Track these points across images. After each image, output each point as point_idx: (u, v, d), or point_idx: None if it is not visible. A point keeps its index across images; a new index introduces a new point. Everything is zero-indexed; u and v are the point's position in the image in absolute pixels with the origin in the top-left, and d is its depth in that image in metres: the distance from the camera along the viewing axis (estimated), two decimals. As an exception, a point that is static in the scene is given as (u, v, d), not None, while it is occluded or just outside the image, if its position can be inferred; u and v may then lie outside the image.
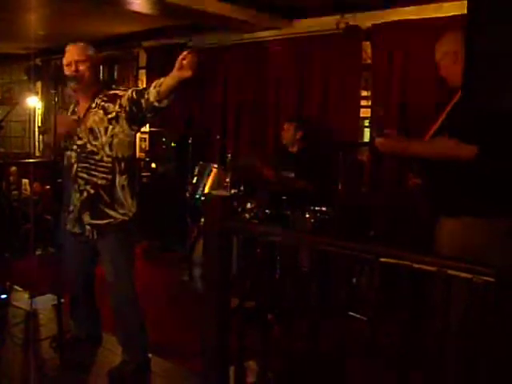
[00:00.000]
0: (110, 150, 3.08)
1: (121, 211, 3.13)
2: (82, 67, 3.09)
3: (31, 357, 3.44)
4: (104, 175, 3.09)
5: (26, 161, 6.91)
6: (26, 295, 4.28)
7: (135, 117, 3.04)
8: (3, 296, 4.32)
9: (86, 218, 3.15)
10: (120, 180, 3.12)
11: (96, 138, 3.08)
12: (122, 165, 3.12)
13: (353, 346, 2.34)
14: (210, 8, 5.12)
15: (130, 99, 3.01)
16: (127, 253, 3.22)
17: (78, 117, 3.19)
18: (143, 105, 2.95)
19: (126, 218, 3.15)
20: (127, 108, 3.02)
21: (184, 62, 2.71)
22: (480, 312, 1.92)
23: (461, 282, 1.89)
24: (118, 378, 3.20)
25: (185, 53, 2.72)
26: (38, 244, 5.51)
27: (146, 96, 2.92)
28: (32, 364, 3.34)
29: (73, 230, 3.23)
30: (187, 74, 2.72)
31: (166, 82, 2.83)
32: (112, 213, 3.12)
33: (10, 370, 3.30)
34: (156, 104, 2.91)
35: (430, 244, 2.84)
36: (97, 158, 3.09)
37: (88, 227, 3.16)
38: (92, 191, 3.12)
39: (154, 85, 2.90)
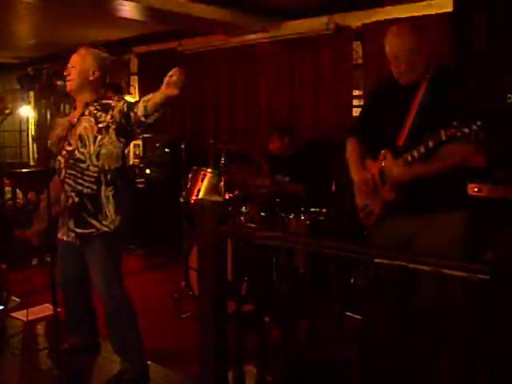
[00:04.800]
0: (97, 159, 3.06)
1: (104, 222, 3.10)
2: (72, 73, 3.11)
3: (29, 367, 3.42)
4: (89, 184, 3.07)
5: (20, 170, 6.88)
6: (23, 306, 4.26)
7: (124, 129, 3.03)
8: (0, 307, 4.31)
9: (71, 225, 3.15)
10: (105, 191, 3.09)
11: (84, 146, 3.07)
12: (109, 176, 3.09)
13: (350, 346, 2.34)
14: (198, 12, 5.12)
15: (121, 111, 3.00)
16: (114, 261, 3.19)
17: (71, 122, 3.19)
18: (132, 119, 2.95)
19: (108, 230, 3.11)
20: (118, 120, 3.01)
21: (172, 79, 2.70)
22: (476, 310, 1.92)
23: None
24: (116, 386, 3.19)
25: (174, 70, 2.71)
26: (34, 254, 5.49)
27: (135, 110, 2.92)
28: (30, 375, 3.32)
29: (63, 238, 3.23)
30: (174, 92, 2.70)
31: (154, 97, 2.82)
32: (95, 223, 3.09)
33: (8, 380, 3.28)
34: (143, 119, 2.90)
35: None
36: (83, 166, 3.07)
37: (72, 234, 3.15)
38: (76, 199, 3.10)
39: (143, 99, 2.90)
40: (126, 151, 3.29)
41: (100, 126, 3.06)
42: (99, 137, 3.06)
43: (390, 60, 2.79)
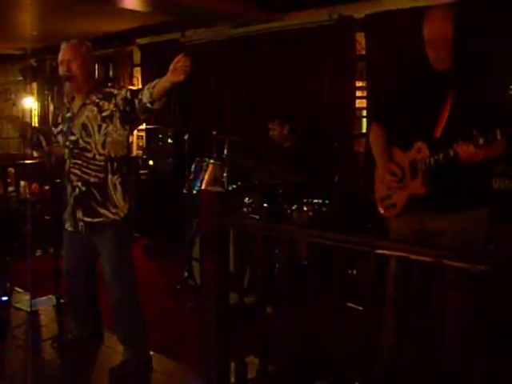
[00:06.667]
0: (103, 148, 3.08)
1: (113, 210, 3.11)
2: (73, 66, 3.09)
3: (33, 358, 3.43)
4: (96, 173, 3.09)
5: (24, 162, 6.87)
6: (27, 297, 4.27)
7: (128, 117, 3.05)
8: (4, 298, 4.33)
9: (79, 215, 3.16)
10: (112, 179, 3.11)
11: (89, 135, 3.08)
12: (115, 164, 3.11)
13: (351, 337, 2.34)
14: (201, 3, 5.11)
15: (125, 99, 3.02)
16: (125, 251, 3.21)
17: (72, 113, 3.20)
18: (136, 105, 2.97)
19: (118, 218, 3.13)
20: (121, 107, 3.03)
21: (178, 65, 2.71)
22: (477, 301, 1.92)
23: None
24: (119, 376, 3.20)
25: (179, 56, 2.72)
26: (38, 245, 5.51)
27: (139, 97, 2.94)
28: (34, 365, 3.34)
29: (69, 229, 3.24)
30: (180, 77, 2.72)
31: (159, 84, 2.85)
32: (104, 211, 3.11)
33: (12, 370, 3.29)
34: (148, 105, 2.93)
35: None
36: (89, 155, 3.09)
37: (81, 223, 3.16)
38: (84, 188, 3.11)
39: (147, 86, 2.93)
40: (130, 141, 3.29)
41: (104, 114, 3.07)
42: (103, 125, 3.07)
43: (427, 44, 2.66)
